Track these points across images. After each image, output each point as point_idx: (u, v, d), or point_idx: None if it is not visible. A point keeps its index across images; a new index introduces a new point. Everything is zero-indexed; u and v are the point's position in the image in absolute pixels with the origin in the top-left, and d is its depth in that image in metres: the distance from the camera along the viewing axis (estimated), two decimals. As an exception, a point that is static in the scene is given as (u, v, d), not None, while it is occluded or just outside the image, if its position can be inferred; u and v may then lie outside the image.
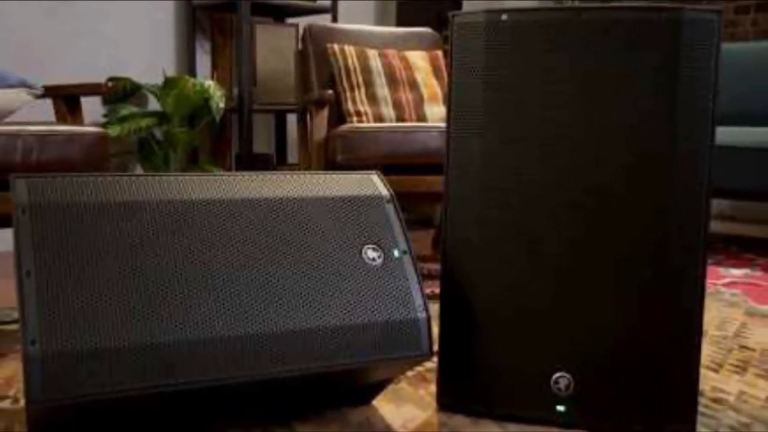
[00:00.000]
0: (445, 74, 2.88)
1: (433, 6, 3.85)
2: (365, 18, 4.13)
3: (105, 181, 1.11)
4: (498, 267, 1.25)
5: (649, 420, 1.22)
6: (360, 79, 2.69)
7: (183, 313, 1.04)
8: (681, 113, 1.17)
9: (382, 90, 2.70)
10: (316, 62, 2.78)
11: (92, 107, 3.11)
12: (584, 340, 1.22)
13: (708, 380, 1.50)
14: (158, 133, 3.26)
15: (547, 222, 1.22)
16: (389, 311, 1.16)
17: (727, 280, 2.50)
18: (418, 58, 2.84)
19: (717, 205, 4.17)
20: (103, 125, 2.95)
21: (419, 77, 2.79)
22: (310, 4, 3.42)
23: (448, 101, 1.28)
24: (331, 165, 2.33)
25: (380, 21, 4.20)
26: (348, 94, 2.67)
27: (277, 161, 3.63)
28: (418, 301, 1.18)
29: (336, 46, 2.74)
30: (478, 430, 1.24)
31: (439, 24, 3.82)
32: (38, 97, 2.00)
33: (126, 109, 3.06)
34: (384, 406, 1.34)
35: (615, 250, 1.20)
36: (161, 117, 3.08)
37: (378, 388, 1.33)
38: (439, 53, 2.93)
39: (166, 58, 3.35)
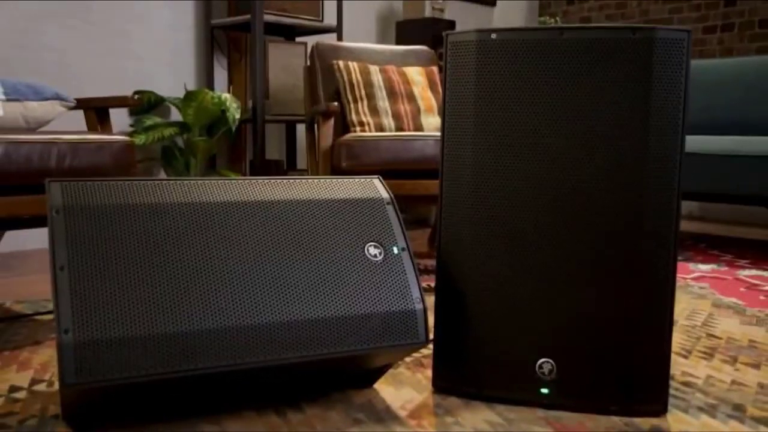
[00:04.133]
0: (439, 88, 2.88)
1: (429, 26, 3.85)
2: (368, 37, 4.13)
3: (132, 185, 1.11)
4: (487, 262, 1.25)
5: (624, 401, 1.21)
6: (363, 93, 2.69)
7: (202, 305, 1.04)
8: (654, 123, 1.17)
9: (383, 102, 2.70)
10: (323, 77, 2.78)
11: (120, 118, 3.11)
12: (565, 329, 1.22)
13: (678, 365, 1.50)
14: (180, 141, 3.26)
15: (531, 221, 1.22)
16: (389, 303, 1.16)
17: (695, 275, 2.49)
18: (416, 73, 2.84)
19: (687, 206, 4.18)
20: (130, 134, 2.95)
21: (416, 90, 2.79)
22: (317, 24, 3.42)
23: (443, 112, 1.28)
24: (336, 170, 2.33)
25: (381, 40, 4.20)
26: (352, 105, 2.67)
27: (287, 167, 3.64)
28: (416, 293, 1.18)
29: (341, 63, 2.74)
30: (469, 410, 1.24)
31: (435, 42, 3.82)
32: (71, 108, 2.00)
33: (150, 120, 3.07)
34: (385, 388, 1.34)
35: (593, 247, 1.20)
36: (182, 127, 3.08)
37: (379, 372, 1.33)
38: (435, 69, 2.93)
39: (187, 73, 3.35)
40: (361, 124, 2.65)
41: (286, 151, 3.70)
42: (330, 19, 3.76)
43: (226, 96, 3.07)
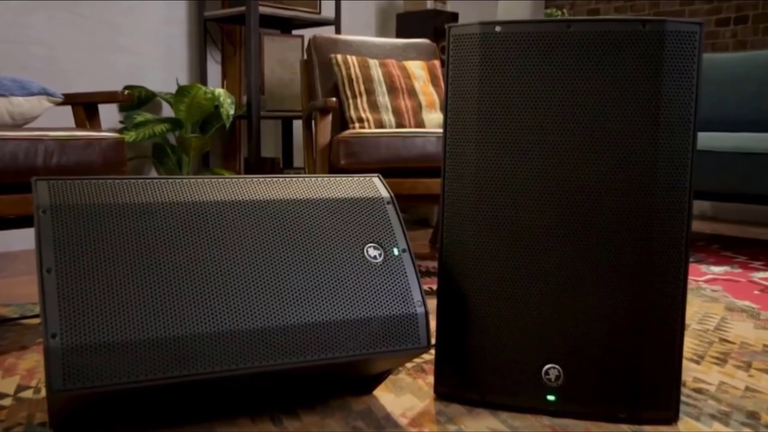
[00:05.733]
0: (441, 82, 2.88)
1: (430, 19, 3.85)
2: (367, 30, 4.13)
3: (122, 184, 1.11)
4: (491, 265, 1.25)
5: (633, 408, 1.22)
6: (362, 88, 2.69)
7: (196, 308, 1.04)
8: (664, 119, 1.17)
9: (383, 98, 2.70)
10: (321, 71, 2.78)
11: (110, 114, 3.11)
12: (572, 333, 1.22)
13: (690, 371, 1.50)
14: (172, 138, 3.26)
15: (537, 221, 1.22)
16: (389, 306, 1.16)
17: (708, 277, 2.50)
18: (417, 68, 2.84)
19: (699, 206, 4.18)
20: (120, 131, 2.95)
21: (417, 85, 2.79)
22: (315, 16, 3.42)
23: (445, 108, 1.28)
24: (334, 169, 2.33)
25: (381, 32, 4.20)
26: (350, 101, 2.67)
27: (283, 165, 3.64)
28: (417, 296, 1.18)
29: (339, 56, 2.74)
30: (472, 418, 1.24)
31: (436, 35, 3.82)
32: (58, 104, 2.00)
33: (141, 116, 3.07)
34: (385, 395, 1.34)
35: (601, 248, 1.20)
36: (174, 123, 3.08)
37: (379, 378, 1.33)
38: (437, 63, 2.94)
39: (179, 67, 3.35)
40: (360, 120, 2.65)
41: (282, 148, 3.70)
42: (328, 11, 3.76)
43: (220, 91, 3.07)
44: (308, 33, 3.81)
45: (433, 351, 1.58)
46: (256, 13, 3.12)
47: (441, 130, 2.41)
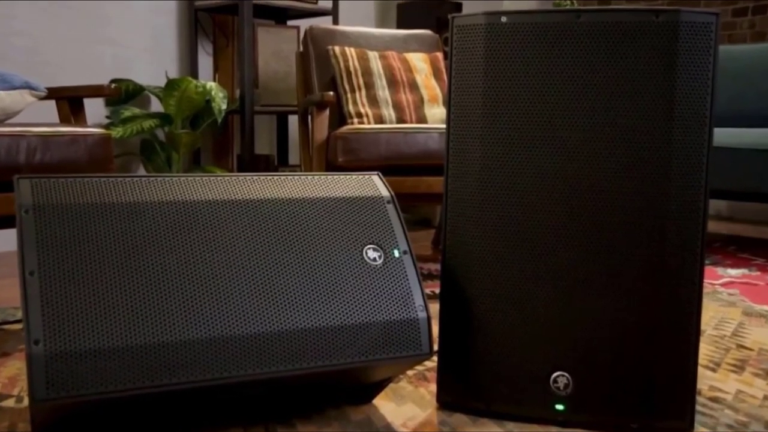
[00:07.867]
0: (444, 76, 2.88)
1: (433, 8, 3.85)
2: (366, 20, 4.13)
3: (108, 182, 1.11)
4: (497, 267, 1.25)
5: (646, 418, 1.22)
6: (361, 81, 2.69)
7: (186, 313, 1.04)
8: (678, 114, 1.17)
9: (383, 92, 2.70)
10: (318, 64, 2.78)
11: (96, 109, 3.11)
12: (582, 340, 1.22)
13: (706, 379, 1.50)
14: (161, 134, 3.26)
15: (545, 222, 1.22)
16: (390, 311, 1.16)
17: (724, 280, 2.50)
18: (419, 60, 2.84)
19: (715, 205, 4.18)
20: (107, 127, 2.95)
21: (419, 79, 2.79)
22: (311, 6, 3.42)
23: (448, 103, 1.28)
24: (332, 166, 2.33)
25: (381, 23, 4.20)
26: (349, 95, 2.67)
27: (278, 162, 3.64)
28: (419, 300, 1.18)
29: (337, 48, 2.74)
30: (477, 428, 1.24)
31: (439, 26, 3.82)
32: (42, 98, 2.00)
33: (129, 111, 3.07)
34: (385, 404, 1.34)
35: (612, 250, 1.20)
36: (164, 118, 3.09)
37: (379, 386, 1.33)
38: (439, 55, 2.94)
39: (169, 60, 3.35)
40: (359, 115, 2.65)
41: (276, 145, 3.70)
42: (325, 1, 3.76)
43: (212, 85, 3.07)
44: (304, 24, 3.81)
45: (435, 358, 1.58)
46: (250, 2, 3.12)
47: (444, 126, 2.42)
